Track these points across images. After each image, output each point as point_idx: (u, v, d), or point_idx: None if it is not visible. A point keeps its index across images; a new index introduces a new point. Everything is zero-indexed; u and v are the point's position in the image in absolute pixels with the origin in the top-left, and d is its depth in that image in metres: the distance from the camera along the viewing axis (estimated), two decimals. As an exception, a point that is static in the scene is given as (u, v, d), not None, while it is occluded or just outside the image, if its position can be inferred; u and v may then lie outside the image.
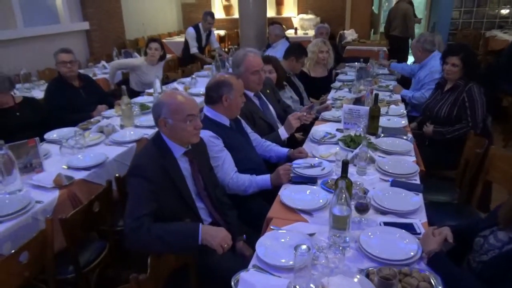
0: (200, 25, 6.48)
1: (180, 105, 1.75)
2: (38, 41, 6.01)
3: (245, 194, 2.13)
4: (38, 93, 4.15)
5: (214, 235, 1.62)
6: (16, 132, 2.58)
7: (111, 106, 3.39)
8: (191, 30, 6.47)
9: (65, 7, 6.55)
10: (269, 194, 2.09)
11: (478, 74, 2.85)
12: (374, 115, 2.62)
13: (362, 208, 1.62)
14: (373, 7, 9.25)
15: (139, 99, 3.74)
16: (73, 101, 3.28)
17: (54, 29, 6.34)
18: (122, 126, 2.98)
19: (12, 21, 5.68)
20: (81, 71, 5.22)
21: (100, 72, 5.28)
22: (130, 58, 5.18)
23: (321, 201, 1.80)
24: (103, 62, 5.60)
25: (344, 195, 1.41)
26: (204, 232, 1.63)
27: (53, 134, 2.78)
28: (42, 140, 2.69)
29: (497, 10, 8.35)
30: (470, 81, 2.76)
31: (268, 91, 2.96)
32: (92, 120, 3.12)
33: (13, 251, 1.54)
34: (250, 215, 2.11)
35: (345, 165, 1.57)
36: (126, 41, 7.77)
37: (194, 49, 6.46)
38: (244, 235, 1.92)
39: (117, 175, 2.13)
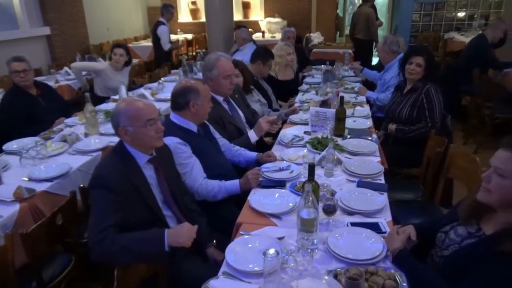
0: (165, 20, 6.43)
1: (138, 111, 1.72)
2: (-5, 47, 5.75)
3: (214, 200, 2.12)
4: (-4, 102, 3.97)
5: (179, 234, 1.60)
6: None
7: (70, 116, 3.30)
8: (164, 27, 6.40)
9: (24, 12, 6.31)
10: (239, 199, 2.09)
11: (437, 75, 2.97)
12: (340, 117, 2.68)
13: (330, 210, 1.64)
14: (338, 11, 9.46)
15: (103, 106, 3.64)
16: (32, 110, 3.15)
17: (12, 34, 6.09)
18: (86, 135, 2.90)
19: (-34, 27, 5.41)
20: (43, 77, 5.07)
21: (63, 78, 5.11)
22: (94, 62, 5.03)
23: (290, 204, 1.81)
24: (66, 68, 5.41)
25: (311, 198, 1.43)
26: (169, 235, 1.59)
27: (12, 145, 2.67)
28: (1, 151, 2.57)
29: (454, 13, 8.75)
30: (428, 82, 2.87)
31: (236, 95, 2.97)
32: (54, 129, 3.01)
33: (-31, 270, 1.47)
34: (220, 221, 2.10)
35: (311, 168, 1.59)
36: (90, 46, 7.57)
37: (168, 45, 6.42)
38: (214, 241, 1.91)
39: (81, 185, 2.07)
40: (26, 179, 2.21)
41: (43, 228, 1.76)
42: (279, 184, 2.04)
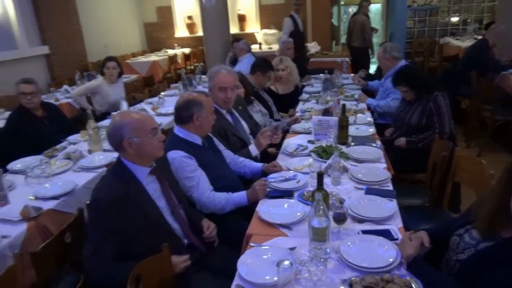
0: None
1: (141, 121, 1.72)
2: (-6, 68, 5.78)
3: (222, 213, 2.11)
4: (-2, 122, 3.97)
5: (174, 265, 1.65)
6: None
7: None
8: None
9: (22, 32, 6.35)
10: (247, 211, 2.08)
11: (430, 85, 2.99)
12: (343, 125, 2.69)
13: (340, 218, 1.64)
14: (332, 20, 9.56)
15: (105, 122, 3.64)
16: (37, 132, 3.16)
17: (11, 54, 6.12)
18: (90, 151, 2.89)
19: (-35, 48, 5.44)
20: (43, 96, 5.07)
21: (63, 96, 5.13)
22: (88, 82, 5.02)
23: (299, 214, 1.80)
24: (66, 87, 5.44)
25: (321, 207, 1.43)
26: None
27: (16, 164, 2.66)
28: (5, 171, 2.57)
29: (447, 19, 8.86)
30: (435, 90, 2.89)
31: (240, 107, 2.98)
32: (57, 146, 3.01)
33: (-21, 292, 1.45)
34: (228, 234, 2.09)
35: (320, 176, 1.59)
36: (88, 64, 7.61)
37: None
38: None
39: (88, 202, 2.05)
40: (33, 198, 2.20)
41: (52, 247, 1.74)
42: (287, 194, 2.03)
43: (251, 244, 1.64)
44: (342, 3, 10.78)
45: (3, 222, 1.96)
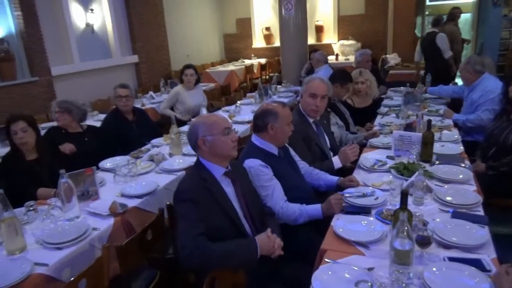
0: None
1: (215, 121, 1.84)
2: (92, 74, 6.43)
3: (295, 224, 2.09)
4: (92, 123, 4.36)
5: (270, 244, 1.71)
6: (80, 156, 2.82)
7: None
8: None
9: (116, 42, 6.99)
10: (319, 224, 2.04)
11: None
12: (427, 142, 2.51)
13: (424, 242, 1.52)
14: (415, 30, 9.12)
15: (186, 128, 3.83)
16: (126, 134, 3.45)
17: (106, 63, 6.77)
18: (171, 155, 3.05)
19: (70, 57, 6.13)
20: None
21: (148, 102, 5.52)
22: (170, 93, 5.29)
23: (377, 233, 1.72)
24: (151, 93, 5.85)
25: (406, 228, 1.34)
26: (260, 244, 1.70)
27: (106, 163, 2.90)
28: (97, 168, 2.80)
29: (551, 29, 7.95)
30: None
31: (325, 121, 2.98)
32: (142, 148, 3.23)
33: (72, 278, 1.58)
34: (299, 246, 2.05)
35: (404, 196, 1.50)
36: (172, 72, 8.12)
37: (449, 53, 5.91)
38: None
39: (168, 203, 2.16)
40: (119, 195, 2.37)
41: (135, 242, 1.86)
42: (364, 211, 1.94)
43: (326, 259, 1.59)
44: (427, 13, 10.22)
45: (94, 216, 2.13)
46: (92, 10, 6.61)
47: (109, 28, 6.94)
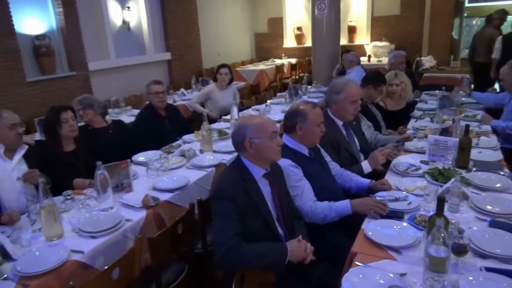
0: None
1: (263, 124, 1.82)
2: (126, 70, 6.61)
3: (324, 223, 2.06)
4: (126, 118, 4.49)
5: (300, 250, 1.72)
6: (108, 150, 2.86)
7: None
8: None
9: (150, 40, 7.15)
10: (348, 226, 2.02)
11: None
12: (464, 147, 2.43)
13: (460, 250, 1.47)
14: (452, 33, 8.83)
15: (216, 125, 3.88)
16: (158, 129, 3.52)
17: (140, 59, 6.94)
18: (201, 151, 3.09)
19: (106, 53, 6.32)
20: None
21: (180, 98, 5.61)
22: (202, 90, 5.36)
23: (410, 238, 1.68)
24: (182, 90, 5.95)
25: (442, 235, 1.30)
26: (291, 250, 1.71)
27: (139, 157, 2.97)
28: (131, 161, 2.88)
29: None
30: None
31: (354, 123, 2.93)
32: (174, 144, 3.29)
33: (106, 267, 1.64)
34: (327, 248, 2.03)
35: (441, 201, 1.46)
36: (203, 70, 8.22)
37: None
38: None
39: (198, 198, 2.20)
40: (151, 188, 2.43)
41: (166, 235, 1.90)
42: (397, 215, 1.90)
43: (357, 262, 1.57)
44: (465, 14, 9.88)
45: (127, 207, 2.19)
46: (128, 7, 6.79)
47: (144, 25, 7.10)
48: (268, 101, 4.99)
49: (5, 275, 1.60)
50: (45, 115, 2.72)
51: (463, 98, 4.38)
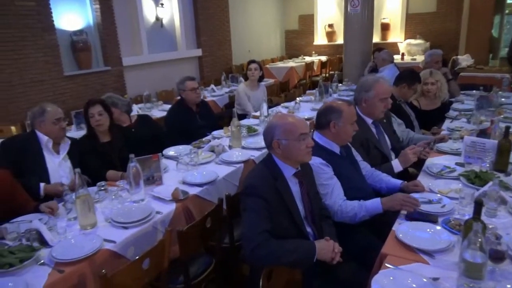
0: None
1: (293, 125, 1.79)
2: (158, 66, 6.74)
3: (353, 222, 2.03)
4: (157, 113, 4.59)
5: (328, 249, 1.70)
6: (131, 148, 2.88)
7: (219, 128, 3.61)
8: None
9: (182, 36, 7.25)
10: (377, 227, 1.99)
11: None
12: (504, 150, 2.33)
13: (498, 256, 1.41)
14: (492, 30, 8.46)
15: (245, 122, 3.89)
16: (189, 125, 3.57)
17: (172, 55, 7.05)
18: (230, 147, 3.11)
19: (139, 49, 6.47)
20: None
21: (209, 94, 5.66)
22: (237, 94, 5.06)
23: (443, 242, 1.62)
24: (212, 86, 6.00)
25: (479, 240, 1.25)
26: (319, 248, 1.69)
27: (170, 151, 3.03)
28: (161, 155, 2.93)
29: None
30: None
31: (384, 120, 2.86)
32: (203, 139, 3.33)
33: (137, 257, 1.68)
34: (356, 248, 2.00)
35: (479, 205, 1.40)
36: (232, 66, 8.26)
37: None
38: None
39: (227, 193, 2.21)
40: (181, 182, 2.46)
41: (195, 229, 1.93)
42: (430, 218, 1.84)
43: (387, 264, 1.53)
44: (507, 11, 9.43)
45: (157, 200, 2.24)
46: (162, 4, 6.91)
47: (176, 22, 7.21)
48: (298, 98, 4.95)
49: (42, 261, 1.67)
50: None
51: (503, 99, 4.20)
